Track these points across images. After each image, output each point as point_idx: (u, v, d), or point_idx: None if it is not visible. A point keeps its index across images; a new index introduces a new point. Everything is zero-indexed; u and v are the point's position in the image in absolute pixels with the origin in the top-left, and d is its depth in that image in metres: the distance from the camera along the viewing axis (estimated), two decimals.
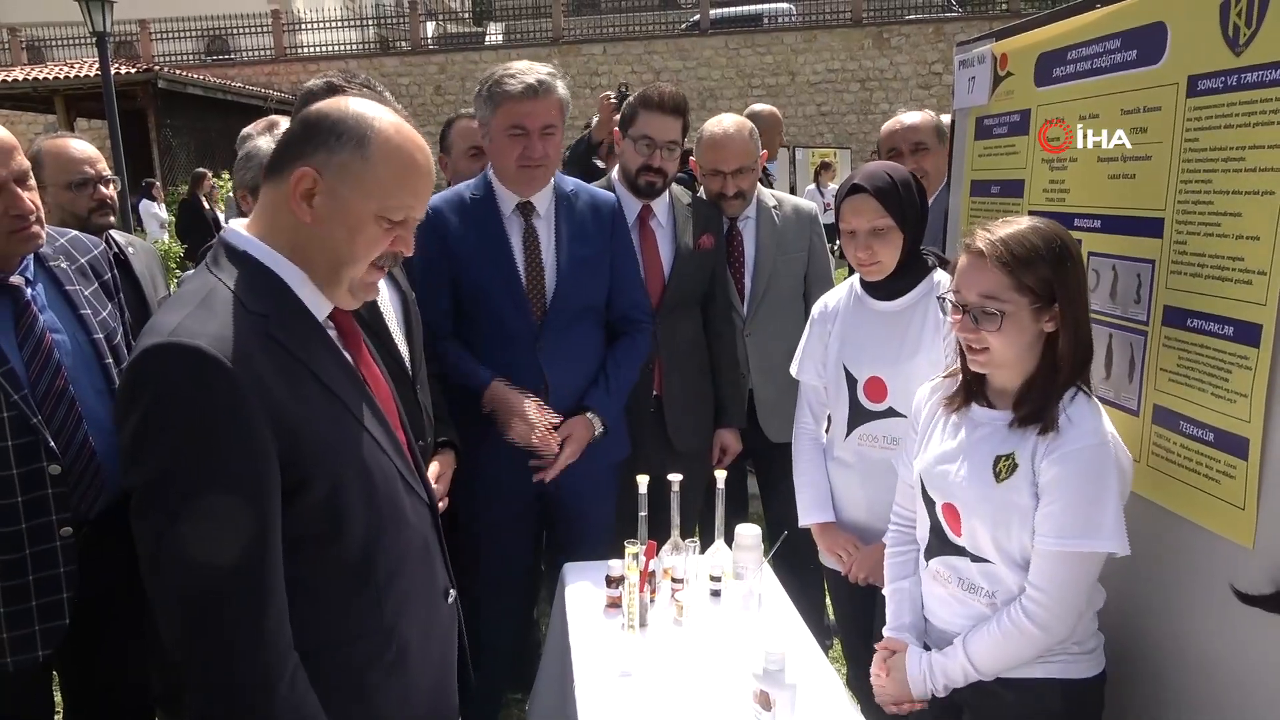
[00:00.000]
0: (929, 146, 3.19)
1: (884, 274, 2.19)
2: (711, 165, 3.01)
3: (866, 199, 2.13)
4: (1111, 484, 1.60)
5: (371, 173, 1.30)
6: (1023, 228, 1.65)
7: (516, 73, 2.41)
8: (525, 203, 2.52)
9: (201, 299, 1.23)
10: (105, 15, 10.49)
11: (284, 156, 1.32)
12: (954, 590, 1.79)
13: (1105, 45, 1.97)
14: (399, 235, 1.35)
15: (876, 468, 2.23)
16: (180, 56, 23.47)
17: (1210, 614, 1.67)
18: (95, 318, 2.03)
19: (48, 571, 1.88)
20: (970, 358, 1.72)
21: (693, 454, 2.87)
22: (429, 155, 1.37)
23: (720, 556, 2.28)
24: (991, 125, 2.49)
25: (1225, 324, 1.63)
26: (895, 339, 2.22)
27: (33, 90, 17.03)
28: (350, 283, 1.35)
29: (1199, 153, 1.70)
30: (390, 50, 23.87)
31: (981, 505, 1.70)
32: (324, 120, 1.32)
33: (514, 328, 2.48)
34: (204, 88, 18.54)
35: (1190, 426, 1.71)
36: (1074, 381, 1.67)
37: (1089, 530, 1.59)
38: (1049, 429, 1.63)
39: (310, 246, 1.32)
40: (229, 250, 1.33)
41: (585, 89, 22.12)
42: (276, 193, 1.32)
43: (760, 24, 23.17)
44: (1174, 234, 1.76)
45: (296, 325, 1.31)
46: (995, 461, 1.69)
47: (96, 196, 2.64)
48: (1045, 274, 1.61)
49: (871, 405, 2.25)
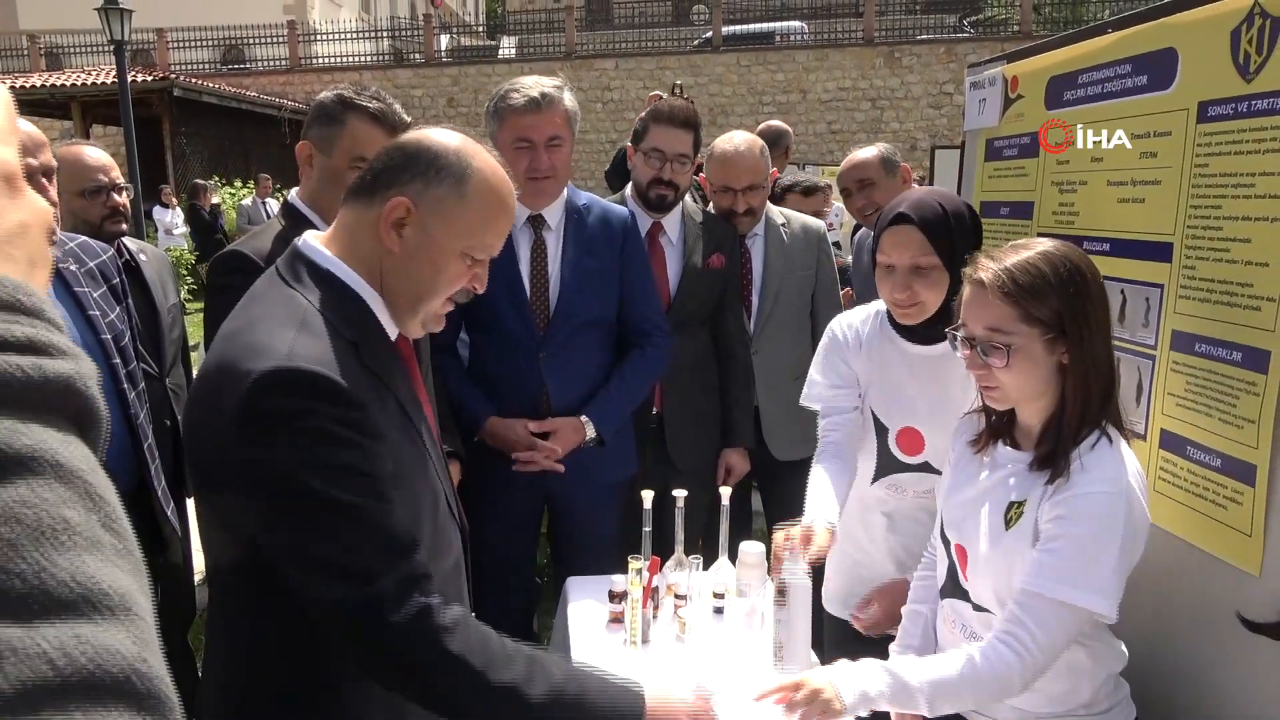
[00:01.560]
0: (874, 180, 3.24)
1: (924, 316, 1.92)
2: (722, 182, 3.02)
3: (911, 231, 1.86)
4: (1112, 538, 1.44)
5: (465, 211, 1.31)
6: (1030, 254, 1.52)
7: (521, 87, 2.43)
8: (536, 215, 2.53)
9: (301, 321, 1.23)
10: (123, 24, 10.61)
11: (379, 181, 1.31)
12: (958, 637, 1.69)
13: (1116, 70, 1.97)
14: (476, 273, 1.36)
15: (906, 513, 2.07)
16: (196, 65, 23.66)
17: (1219, 642, 1.66)
18: (104, 319, 2.08)
19: None
20: (985, 395, 1.61)
21: (695, 473, 2.85)
22: (515, 198, 1.40)
23: (724, 573, 2.27)
24: (1001, 147, 2.50)
25: (1233, 349, 1.63)
26: (934, 390, 1.98)
27: (50, 96, 17.21)
28: (425, 314, 1.36)
29: (1209, 178, 1.70)
30: (404, 62, 24.03)
31: (988, 552, 1.59)
32: (425, 152, 1.32)
33: (517, 337, 2.49)
34: (218, 96, 18.72)
35: (1197, 452, 1.71)
36: (1093, 422, 1.52)
37: (1079, 581, 1.43)
38: (1058, 476, 1.50)
39: (393, 275, 1.32)
40: (310, 267, 1.31)
41: (597, 103, 22.26)
42: (364, 216, 1.31)
43: (772, 42, 23.29)
44: (1183, 259, 1.76)
45: (381, 352, 1.32)
46: (1008, 508, 1.58)
47: (109, 204, 2.67)
48: (1054, 304, 1.49)
49: (906, 458, 2.04)
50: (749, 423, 3.03)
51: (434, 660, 1.21)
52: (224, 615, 1.35)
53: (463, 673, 1.21)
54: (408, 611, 1.18)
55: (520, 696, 1.24)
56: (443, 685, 1.23)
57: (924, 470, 2.05)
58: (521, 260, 2.51)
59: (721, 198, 3.04)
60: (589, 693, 1.31)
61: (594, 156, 22.00)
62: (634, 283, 2.63)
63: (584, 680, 1.32)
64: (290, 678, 1.29)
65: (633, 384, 2.61)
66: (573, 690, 1.29)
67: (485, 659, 1.23)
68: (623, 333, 2.66)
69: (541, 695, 1.25)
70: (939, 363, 1.97)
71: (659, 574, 2.21)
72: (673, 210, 2.86)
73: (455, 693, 1.23)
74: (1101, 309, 1.54)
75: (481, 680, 1.22)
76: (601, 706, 1.31)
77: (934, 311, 1.92)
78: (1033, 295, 1.50)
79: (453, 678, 1.22)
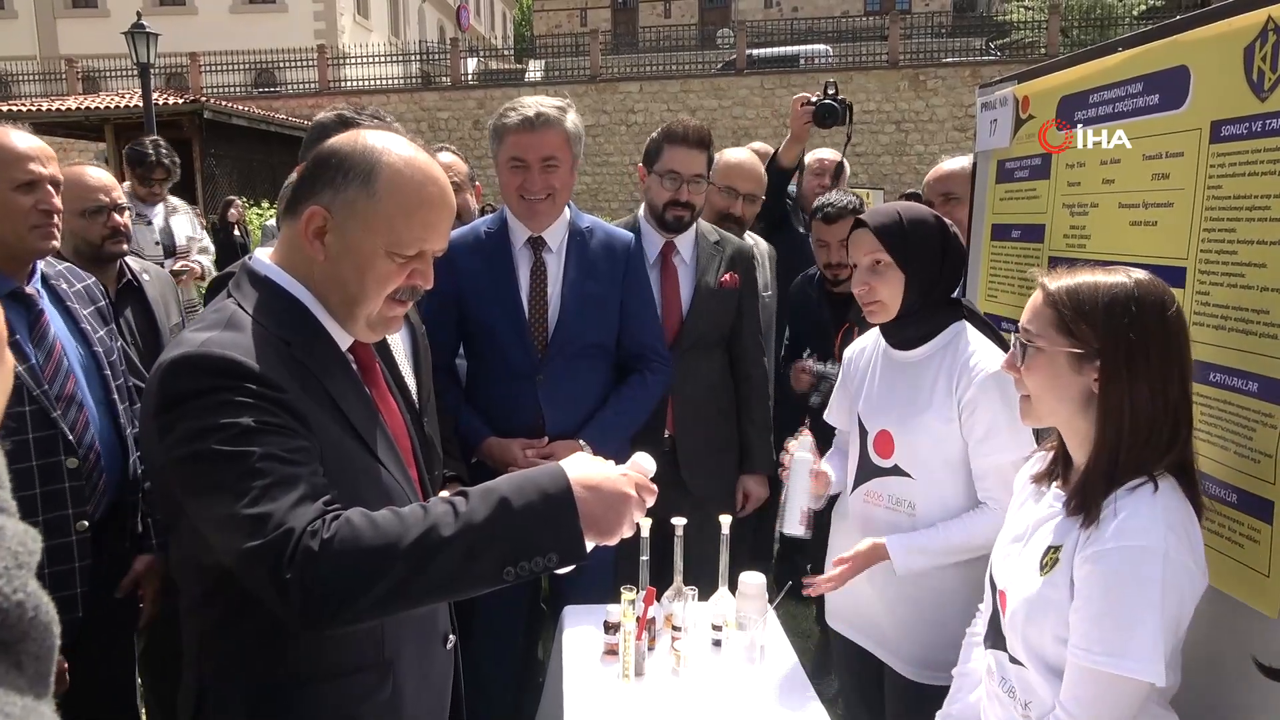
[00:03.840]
0: (960, 196, 2.98)
1: (887, 315, 2.06)
2: (727, 182, 3.15)
3: (864, 233, 2.05)
4: (1150, 598, 1.33)
5: (378, 209, 1.28)
6: (1102, 277, 1.45)
7: (519, 106, 2.41)
8: (537, 237, 2.50)
9: (226, 320, 1.25)
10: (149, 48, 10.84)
11: (298, 194, 1.33)
12: (998, 690, 1.62)
13: (1127, 89, 1.91)
14: (415, 269, 1.33)
15: (876, 527, 2.09)
16: (228, 89, 24.08)
17: (1232, 689, 1.57)
18: (94, 334, 2.11)
19: (63, 566, 1.95)
20: (1020, 405, 1.58)
21: (709, 499, 2.73)
22: (443, 186, 1.34)
23: (723, 605, 2.20)
24: (1013, 169, 2.44)
25: (1249, 379, 1.55)
26: (908, 392, 2.08)
27: (84, 119, 17.55)
28: (367, 318, 1.34)
29: (1222, 200, 1.63)
30: (431, 85, 24.31)
31: (1024, 598, 1.51)
32: (333, 156, 1.31)
33: (515, 361, 2.45)
34: (248, 119, 18.99)
35: (1212, 487, 1.63)
36: (1133, 468, 1.41)
37: (1115, 648, 1.34)
38: (1090, 522, 1.42)
39: (325, 283, 1.33)
40: (251, 275, 1.34)
41: (621, 125, 22.36)
42: (293, 228, 1.33)
43: (797, 65, 23.31)
44: (1196, 284, 1.69)
45: (318, 350, 1.31)
46: (1045, 552, 1.50)
47: (110, 224, 2.68)
48: (1097, 327, 1.42)
49: (880, 461, 2.12)
50: (768, 446, 2.96)
51: (335, 570, 1.10)
52: (190, 623, 1.34)
53: (367, 561, 1.11)
54: (306, 542, 1.10)
55: (437, 540, 1.13)
56: (360, 585, 1.11)
57: (895, 474, 2.09)
58: (521, 282, 2.48)
59: (722, 198, 3.13)
60: (505, 493, 1.18)
61: (617, 179, 22.09)
62: (635, 308, 2.58)
63: (496, 488, 1.20)
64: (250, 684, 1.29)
65: (630, 409, 2.56)
66: (490, 502, 1.17)
67: (379, 535, 1.13)
68: (622, 358, 2.61)
69: (459, 527, 1.14)
70: (913, 367, 2.09)
71: (655, 605, 2.15)
72: (686, 230, 2.83)
73: (379, 581, 1.11)
74: (1161, 352, 1.41)
75: (391, 553, 1.11)
76: (528, 498, 1.17)
77: (897, 310, 2.05)
78: (1076, 310, 1.44)
79: (363, 572, 1.11)
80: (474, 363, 2.53)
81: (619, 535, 1.23)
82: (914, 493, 2.05)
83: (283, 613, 1.13)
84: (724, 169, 3.15)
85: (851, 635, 2.24)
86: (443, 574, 1.14)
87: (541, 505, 1.17)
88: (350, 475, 1.28)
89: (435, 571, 1.13)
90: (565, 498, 1.18)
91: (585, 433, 2.48)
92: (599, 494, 1.21)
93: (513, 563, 1.16)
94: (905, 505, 2.07)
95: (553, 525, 1.18)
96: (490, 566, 1.15)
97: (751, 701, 1.99)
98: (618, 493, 1.23)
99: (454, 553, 1.13)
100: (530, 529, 1.17)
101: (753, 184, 3.15)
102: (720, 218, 3.11)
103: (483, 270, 2.49)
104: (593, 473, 1.23)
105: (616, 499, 1.22)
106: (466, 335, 2.54)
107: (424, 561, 1.13)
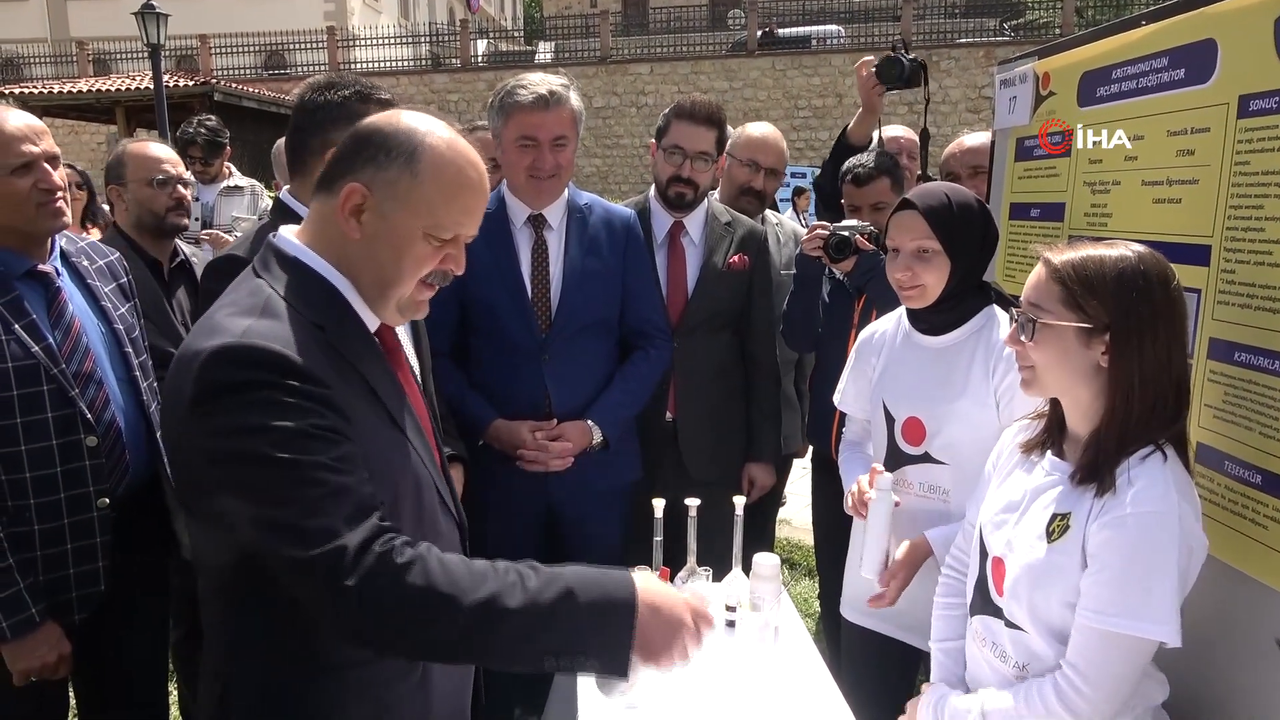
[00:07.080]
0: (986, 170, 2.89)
1: (926, 301, 2.00)
2: (749, 156, 3.13)
3: (914, 217, 1.96)
4: (1167, 561, 1.37)
5: (420, 190, 1.27)
6: (1103, 250, 1.47)
7: (528, 83, 2.38)
8: (537, 215, 2.48)
9: (262, 306, 1.22)
10: (159, 28, 10.80)
11: (335, 170, 1.30)
12: (988, 654, 1.63)
13: (1152, 64, 1.88)
14: (449, 254, 1.32)
15: (909, 518, 2.05)
16: (238, 71, 24.06)
17: (1257, 671, 1.55)
18: (115, 311, 2.11)
19: (85, 540, 1.96)
20: (1021, 377, 1.57)
21: (713, 484, 2.65)
22: (482, 171, 1.34)
23: (736, 586, 2.19)
24: (1032, 146, 2.40)
25: (1275, 358, 1.53)
26: (939, 378, 2.03)
27: (95, 101, 17.57)
28: (398, 301, 1.33)
29: (1250, 176, 1.60)
30: (441, 67, 24.23)
31: (1028, 565, 1.52)
32: (375, 135, 1.30)
33: (519, 340, 2.44)
34: (258, 101, 18.96)
35: (1236, 467, 1.61)
36: (1139, 437, 1.44)
37: (1133, 610, 1.38)
38: (1104, 490, 1.43)
39: (358, 263, 1.30)
40: (279, 256, 1.31)
41: (631, 107, 22.25)
42: (327, 206, 1.30)
43: (808, 45, 23.13)
44: (1222, 262, 1.66)
45: (351, 336, 1.30)
46: (1051, 520, 1.51)
47: (175, 195, 2.75)
48: (1104, 300, 1.43)
49: (909, 448, 2.07)
50: (775, 433, 2.93)
51: (398, 600, 1.13)
52: (212, 608, 1.33)
53: (431, 604, 1.13)
54: (367, 562, 1.11)
55: (500, 609, 1.14)
56: (416, 624, 1.14)
57: (925, 461, 2.06)
58: (523, 261, 2.47)
59: (743, 171, 3.11)
60: (573, 584, 1.19)
61: (627, 161, 21.99)
62: (635, 284, 2.57)
63: (564, 576, 1.21)
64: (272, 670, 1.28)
65: (635, 386, 2.54)
66: (557, 587, 1.19)
67: (450, 583, 1.14)
68: (624, 335, 2.60)
69: (522, 602, 1.16)
70: (944, 353, 2.05)
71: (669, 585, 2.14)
72: (695, 210, 2.80)
73: (433, 627, 1.14)
74: (1166, 325, 1.43)
75: (455, 605, 1.13)
76: (592, 596, 1.20)
77: (937, 297, 1.99)
78: (1083, 284, 1.45)
79: (423, 613, 1.14)
80: (476, 343, 2.51)
81: (666, 663, 1.23)
82: (947, 479, 2.02)
83: (329, 616, 1.14)
84: (745, 142, 3.13)
85: (874, 625, 2.22)
86: (497, 644, 1.17)
87: (602, 610, 1.19)
88: (386, 460, 1.28)
89: (493, 639, 1.16)
90: (627, 610, 1.20)
91: (593, 413, 2.46)
92: (659, 616, 1.22)
93: (555, 654, 1.18)
94: (939, 492, 2.04)
95: (606, 634, 1.19)
96: (537, 651, 1.18)
97: (766, 682, 1.99)
98: (676, 619, 1.24)
99: (512, 627, 1.16)
100: (584, 630, 1.19)
101: (774, 158, 3.14)
102: (741, 191, 3.10)
103: (483, 249, 2.46)
104: (658, 593, 1.23)
105: (675, 625, 1.23)
106: (467, 316, 2.51)
107: (483, 626, 1.15)
